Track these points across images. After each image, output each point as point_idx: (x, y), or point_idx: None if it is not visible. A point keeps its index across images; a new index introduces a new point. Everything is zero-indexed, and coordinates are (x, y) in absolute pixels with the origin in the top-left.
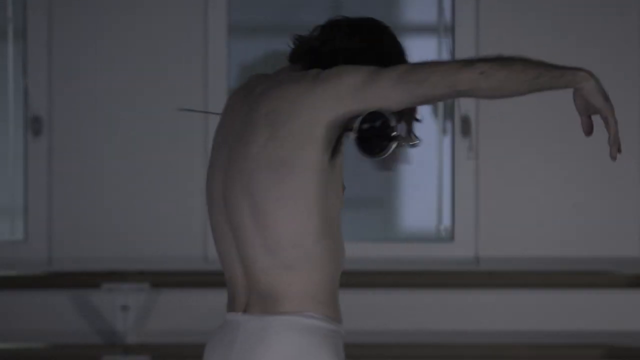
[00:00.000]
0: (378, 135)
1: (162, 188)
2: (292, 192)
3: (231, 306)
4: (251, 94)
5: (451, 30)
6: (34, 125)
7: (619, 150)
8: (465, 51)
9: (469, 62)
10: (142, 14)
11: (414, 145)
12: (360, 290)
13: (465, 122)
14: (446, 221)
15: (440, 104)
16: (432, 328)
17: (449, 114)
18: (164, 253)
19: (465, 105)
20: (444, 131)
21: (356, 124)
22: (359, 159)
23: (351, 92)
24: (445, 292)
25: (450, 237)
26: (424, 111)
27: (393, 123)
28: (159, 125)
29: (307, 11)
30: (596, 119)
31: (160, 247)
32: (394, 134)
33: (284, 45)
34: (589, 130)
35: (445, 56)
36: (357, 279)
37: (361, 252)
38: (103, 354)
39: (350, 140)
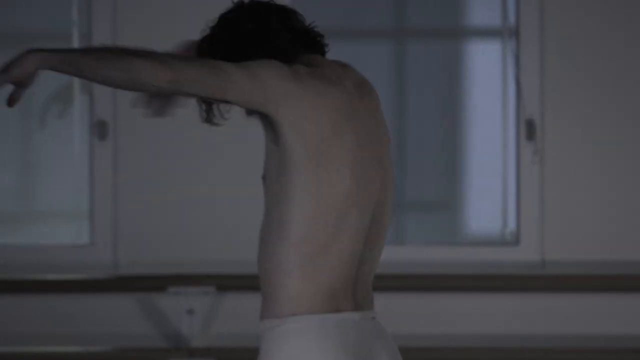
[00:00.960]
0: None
1: (228, 191)
2: None
3: (345, 305)
4: (362, 96)
5: (515, 33)
6: (100, 130)
7: None
8: (530, 54)
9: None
10: (204, 16)
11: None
12: (426, 294)
13: (530, 126)
14: (511, 224)
15: (508, 109)
16: (498, 332)
17: (513, 117)
18: (230, 256)
19: (530, 109)
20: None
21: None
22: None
23: None
24: (510, 295)
25: (516, 240)
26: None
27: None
28: (224, 128)
29: (369, 14)
30: None
31: (226, 251)
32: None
33: (348, 49)
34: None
35: (510, 60)
36: (422, 282)
37: (427, 255)
38: (168, 357)
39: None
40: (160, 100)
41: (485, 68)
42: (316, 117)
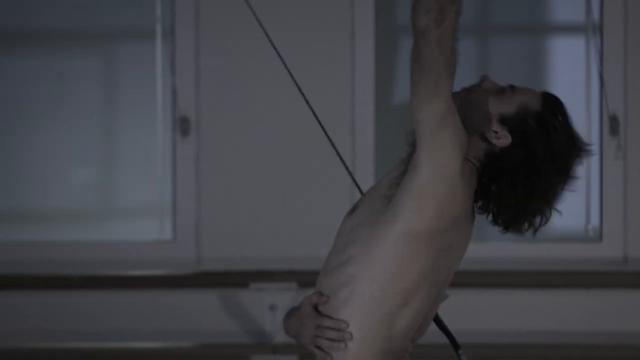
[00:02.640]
0: None
1: (310, 187)
2: None
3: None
4: None
5: (599, 29)
6: (182, 126)
7: None
8: (614, 50)
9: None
10: (289, 15)
11: None
12: (508, 291)
13: (614, 121)
14: (594, 221)
15: (592, 105)
16: (580, 328)
17: (597, 113)
18: (312, 252)
19: (613, 104)
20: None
21: None
22: None
23: None
24: (593, 292)
25: (599, 237)
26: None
27: None
28: (306, 125)
29: None
30: None
31: (308, 246)
32: None
33: None
34: None
35: (594, 56)
36: (504, 279)
37: (509, 252)
38: (251, 353)
39: None
40: None
41: (569, 64)
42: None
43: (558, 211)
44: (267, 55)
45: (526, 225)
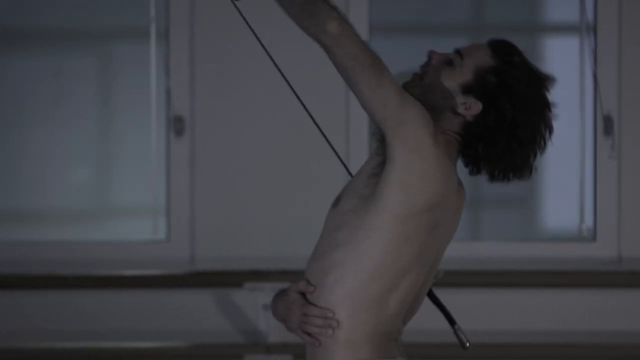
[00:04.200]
0: None
1: (305, 187)
2: None
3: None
4: None
5: (594, 29)
6: (177, 126)
7: None
8: (608, 50)
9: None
10: (283, 14)
11: None
12: (502, 290)
13: (608, 121)
14: (588, 221)
15: (586, 105)
16: (574, 328)
17: (591, 113)
18: (306, 252)
19: (607, 104)
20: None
21: None
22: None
23: None
24: (587, 292)
25: (593, 236)
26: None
27: None
28: (301, 124)
29: (449, 10)
30: None
31: (302, 246)
32: None
33: (425, 44)
34: None
35: (588, 56)
36: (498, 278)
37: (503, 251)
38: (245, 353)
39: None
40: None
41: (563, 64)
42: None
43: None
44: (261, 55)
45: (526, 168)
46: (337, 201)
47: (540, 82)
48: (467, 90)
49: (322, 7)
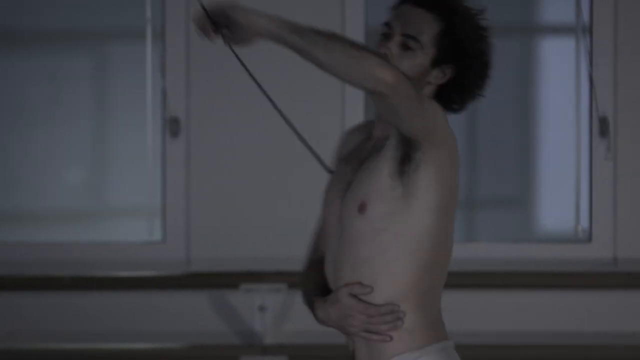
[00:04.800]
0: None
1: (301, 188)
2: None
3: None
4: None
5: (589, 30)
6: (172, 127)
7: None
8: (604, 51)
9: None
10: (280, 14)
11: None
12: (497, 291)
13: (604, 123)
14: (584, 222)
15: (581, 106)
16: (569, 329)
17: (587, 114)
18: (302, 253)
19: (603, 106)
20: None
21: None
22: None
23: None
24: (582, 293)
25: (588, 237)
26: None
27: None
28: (297, 126)
29: None
30: None
31: (298, 248)
32: None
33: None
34: None
35: (584, 57)
36: (494, 279)
37: (498, 252)
38: (241, 354)
39: None
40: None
41: (559, 65)
42: None
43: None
44: (257, 56)
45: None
46: (361, 208)
47: (479, 14)
48: (435, 62)
49: (368, 58)
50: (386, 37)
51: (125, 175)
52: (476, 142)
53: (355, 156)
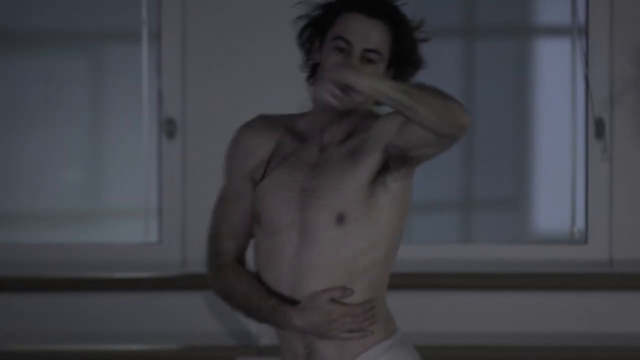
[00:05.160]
0: None
1: None
2: None
3: None
4: None
5: (585, 31)
6: (168, 128)
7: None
8: (599, 53)
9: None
10: (275, 14)
11: None
12: (493, 292)
13: (599, 124)
14: (580, 223)
15: (577, 107)
16: (566, 330)
17: (583, 116)
18: None
19: (599, 107)
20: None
21: None
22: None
23: None
24: (578, 294)
25: (584, 239)
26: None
27: None
28: None
29: (440, 12)
30: None
31: None
32: None
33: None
34: None
35: (579, 58)
36: (489, 281)
37: (494, 254)
38: (237, 355)
39: None
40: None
41: (555, 66)
42: None
43: None
44: (253, 57)
45: None
46: (339, 219)
47: (418, 25)
48: (386, 68)
49: (456, 106)
50: (343, 50)
51: (121, 176)
52: (472, 143)
53: (300, 161)
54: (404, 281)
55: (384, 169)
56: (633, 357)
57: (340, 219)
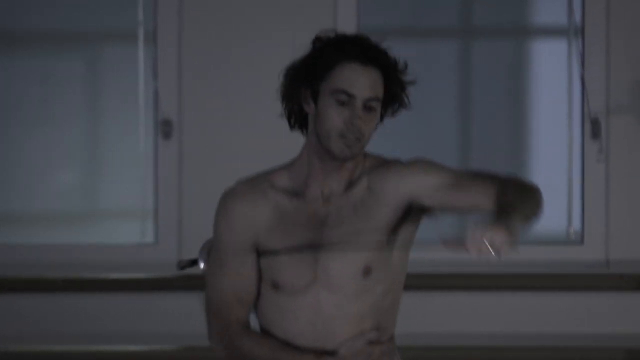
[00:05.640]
0: None
1: None
2: None
3: None
4: None
5: (581, 32)
6: (165, 129)
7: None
8: (596, 53)
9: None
10: (272, 15)
11: None
12: (490, 293)
13: (596, 125)
14: (576, 224)
15: (573, 108)
16: (562, 331)
17: (579, 116)
18: None
19: (595, 108)
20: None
21: None
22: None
23: None
24: (575, 295)
25: (581, 240)
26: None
27: None
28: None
29: (437, 13)
30: None
31: None
32: None
33: (413, 48)
34: None
35: (576, 59)
36: (486, 281)
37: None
38: None
39: None
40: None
41: (551, 67)
42: None
43: None
44: (249, 58)
45: None
46: (366, 272)
47: (404, 68)
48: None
49: (539, 196)
50: (345, 104)
51: (117, 177)
52: (469, 143)
53: (305, 217)
54: None
55: (408, 217)
56: (630, 357)
57: (367, 272)
